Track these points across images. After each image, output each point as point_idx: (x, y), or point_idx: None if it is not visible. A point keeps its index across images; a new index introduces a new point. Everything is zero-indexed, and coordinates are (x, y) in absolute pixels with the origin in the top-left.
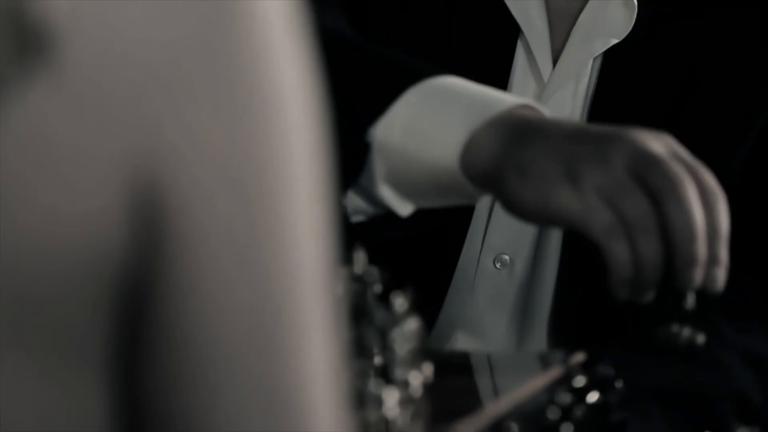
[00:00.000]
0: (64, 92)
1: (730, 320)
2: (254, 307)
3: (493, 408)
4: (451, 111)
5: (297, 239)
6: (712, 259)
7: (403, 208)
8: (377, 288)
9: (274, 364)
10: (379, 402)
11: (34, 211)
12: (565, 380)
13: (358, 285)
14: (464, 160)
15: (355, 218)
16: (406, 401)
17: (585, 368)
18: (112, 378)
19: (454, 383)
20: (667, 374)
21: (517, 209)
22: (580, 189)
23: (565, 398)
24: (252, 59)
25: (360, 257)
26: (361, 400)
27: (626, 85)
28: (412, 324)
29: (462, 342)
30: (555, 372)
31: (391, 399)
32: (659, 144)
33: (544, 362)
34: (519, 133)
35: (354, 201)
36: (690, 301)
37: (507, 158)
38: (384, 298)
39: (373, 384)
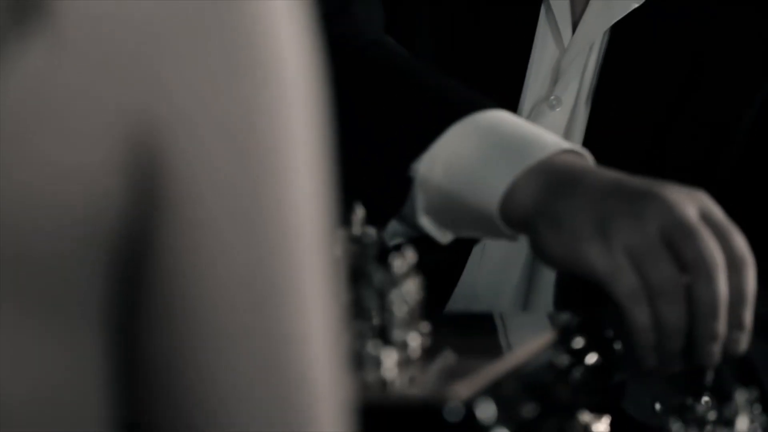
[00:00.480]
0: (62, 48)
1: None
2: (252, 266)
3: (491, 369)
4: (494, 155)
5: (296, 199)
6: (736, 324)
7: (443, 237)
8: (375, 249)
9: (272, 323)
10: (377, 363)
11: (32, 167)
12: (563, 342)
13: (356, 246)
14: (503, 206)
15: (393, 241)
16: (404, 362)
17: (584, 330)
18: (111, 336)
19: (452, 344)
20: None
21: (546, 257)
22: (610, 246)
23: (564, 360)
24: (255, 19)
25: (358, 218)
26: (360, 361)
27: (635, 58)
28: (411, 285)
29: (467, 305)
30: (554, 333)
31: (389, 360)
32: (693, 205)
33: (543, 323)
34: (557, 183)
35: (394, 225)
36: (709, 378)
37: (542, 208)
38: (382, 260)
39: (371, 345)
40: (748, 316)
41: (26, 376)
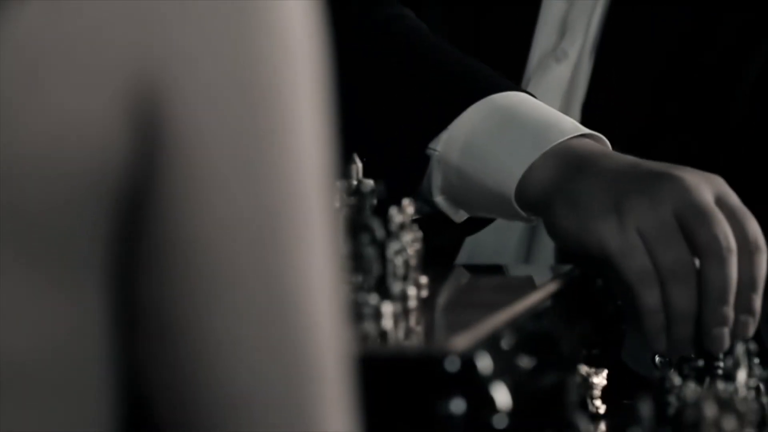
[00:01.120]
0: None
1: None
2: (254, 211)
3: (490, 321)
4: (512, 138)
5: (299, 147)
6: (746, 310)
7: (457, 216)
8: (374, 201)
9: (274, 272)
10: (375, 314)
11: (32, 115)
12: (563, 294)
13: (354, 198)
14: (519, 189)
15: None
16: (402, 314)
17: (583, 283)
18: (113, 287)
19: (451, 296)
20: None
21: (559, 236)
22: (624, 226)
23: (563, 313)
24: None
25: (356, 170)
26: (358, 313)
27: (639, 11)
28: (409, 237)
29: (470, 260)
30: (553, 286)
31: (387, 312)
32: (709, 189)
33: (543, 276)
34: (573, 165)
35: None
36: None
37: (558, 188)
38: (381, 212)
39: (370, 297)
40: (758, 301)
41: (29, 329)
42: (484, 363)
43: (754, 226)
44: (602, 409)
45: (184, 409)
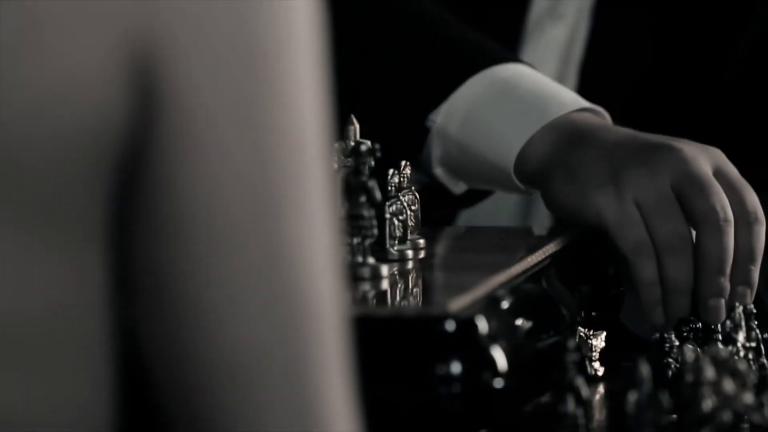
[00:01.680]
0: None
1: None
2: (252, 169)
3: (488, 283)
4: (512, 111)
5: (298, 106)
6: (743, 281)
7: (456, 188)
8: (372, 162)
9: (272, 229)
10: (373, 276)
11: (30, 71)
12: (560, 255)
13: (352, 159)
14: (518, 162)
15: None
16: (400, 276)
17: (582, 244)
18: (111, 248)
19: (449, 258)
20: None
21: (557, 207)
22: (621, 196)
23: (560, 274)
24: None
25: (354, 131)
26: (356, 274)
27: None
28: (407, 198)
29: (468, 221)
30: (552, 247)
31: (385, 273)
32: (707, 161)
33: (542, 238)
34: (572, 137)
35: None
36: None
37: (557, 159)
38: (379, 173)
39: (367, 258)
40: (756, 273)
41: (27, 291)
42: (482, 325)
43: (752, 198)
44: (601, 372)
45: (180, 367)
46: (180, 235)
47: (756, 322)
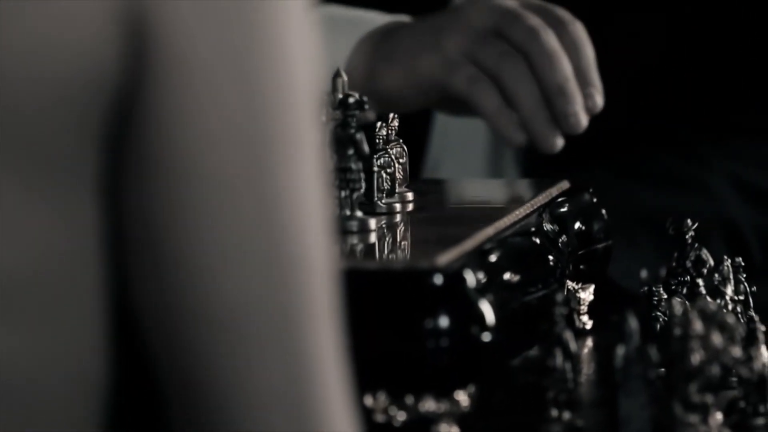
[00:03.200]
0: None
1: (714, 143)
2: (245, 120)
3: (476, 236)
4: (330, 40)
5: (290, 58)
6: (586, 82)
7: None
8: (360, 115)
9: (264, 183)
10: (361, 229)
11: (22, 15)
12: (547, 209)
13: (340, 112)
14: (351, 80)
15: None
16: (388, 229)
17: (568, 196)
18: (105, 201)
19: (437, 211)
20: (653, 200)
21: (393, 97)
22: (442, 52)
23: (549, 227)
24: None
25: (342, 83)
26: (344, 228)
27: None
28: (395, 151)
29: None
30: (537, 200)
31: (373, 226)
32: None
33: (529, 190)
34: (384, 34)
35: None
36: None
37: (375, 54)
38: (366, 126)
39: (356, 211)
40: (595, 73)
41: (20, 241)
42: (470, 278)
43: (561, 11)
44: (589, 325)
45: (171, 320)
46: (172, 184)
47: (744, 275)
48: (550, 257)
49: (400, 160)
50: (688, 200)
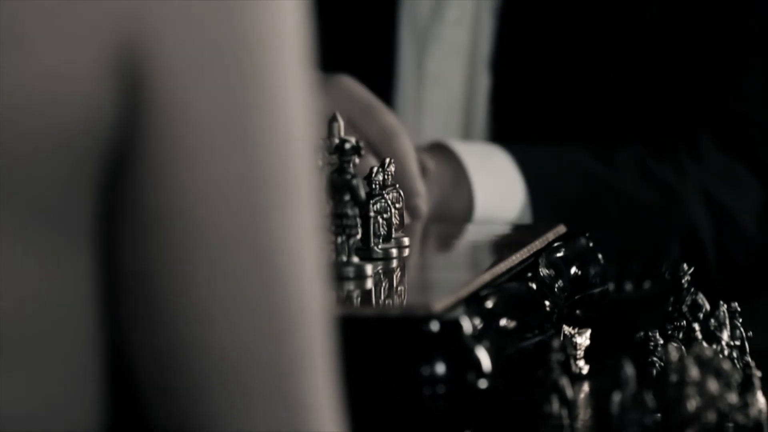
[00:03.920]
0: None
1: (691, 151)
2: (240, 171)
3: (472, 282)
4: None
5: (284, 106)
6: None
7: None
8: (356, 160)
9: (259, 230)
10: (358, 275)
11: (16, 71)
12: (543, 253)
13: (336, 156)
14: None
15: None
16: (384, 274)
17: (564, 241)
18: (98, 250)
19: (433, 256)
20: (624, 185)
21: None
22: None
23: (544, 272)
24: None
25: (338, 128)
26: (340, 274)
27: None
28: (391, 197)
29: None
30: (533, 245)
31: (369, 272)
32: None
33: (526, 235)
34: None
35: None
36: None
37: None
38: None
39: (351, 257)
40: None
41: (14, 290)
42: (467, 324)
43: (386, 114)
44: (585, 370)
45: (167, 368)
46: (167, 233)
47: (740, 320)
48: (547, 302)
49: (397, 205)
50: (657, 197)
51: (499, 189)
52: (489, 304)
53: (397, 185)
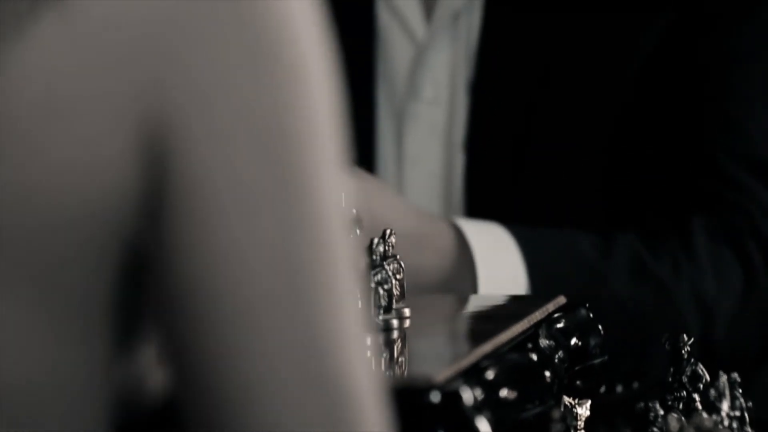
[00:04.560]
0: (73, 27)
1: (683, 242)
2: (277, 259)
3: (472, 352)
4: None
5: (316, 186)
6: None
7: None
8: (357, 231)
9: (302, 309)
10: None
11: (41, 161)
12: (544, 324)
13: None
14: None
15: None
16: (385, 345)
17: (564, 312)
18: (117, 335)
19: (433, 327)
20: (617, 281)
21: None
22: None
23: (544, 343)
24: (274, 13)
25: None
26: None
27: (512, 26)
28: (392, 268)
29: None
30: (534, 316)
31: (370, 343)
32: None
33: (526, 306)
34: None
35: None
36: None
37: None
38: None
39: None
40: None
41: (29, 363)
42: (467, 396)
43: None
44: None
45: None
46: (204, 316)
47: (740, 391)
48: (547, 373)
49: (397, 276)
50: (648, 295)
51: (503, 272)
52: (490, 375)
53: (398, 256)
